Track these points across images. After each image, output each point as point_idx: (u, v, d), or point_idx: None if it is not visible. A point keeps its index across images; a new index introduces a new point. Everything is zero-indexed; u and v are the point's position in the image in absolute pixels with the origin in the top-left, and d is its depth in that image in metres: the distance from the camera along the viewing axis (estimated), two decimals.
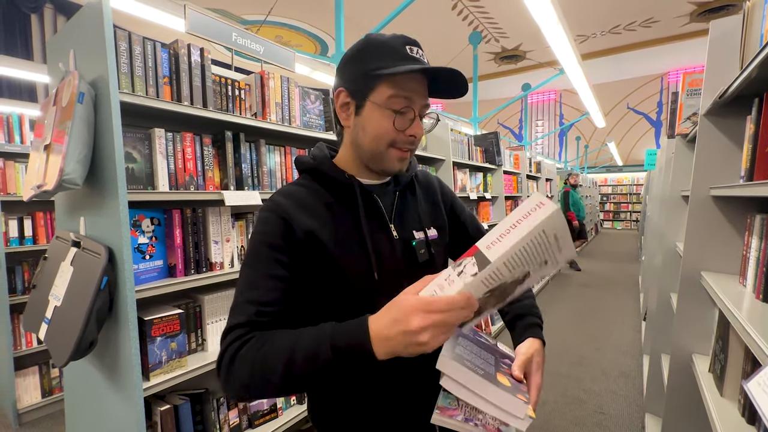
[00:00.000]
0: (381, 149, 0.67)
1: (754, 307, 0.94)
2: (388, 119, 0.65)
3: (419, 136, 0.68)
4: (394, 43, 0.65)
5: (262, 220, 0.66)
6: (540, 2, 2.33)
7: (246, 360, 0.55)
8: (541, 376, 0.64)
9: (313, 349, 0.51)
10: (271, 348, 0.54)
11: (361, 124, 0.68)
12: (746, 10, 1.11)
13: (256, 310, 0.59)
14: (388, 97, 0.65)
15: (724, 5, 7.47)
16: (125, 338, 1.12)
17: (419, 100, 0.67)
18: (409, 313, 0.47)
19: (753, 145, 1.07)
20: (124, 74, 1.18)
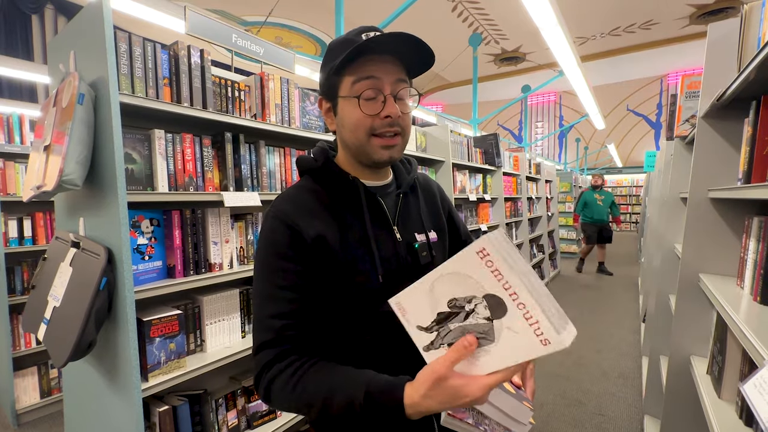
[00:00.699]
0: (362, 140, 0.66)
1: (751, 309, 0.94)
2: (356, 106, 0.64)
3: (395, 116, 0.64)
4: (350, 35, 0.65)
5: (268, 229, 0.65)
6: (539, 4, 2.34)
7: (284, 392, 0.58)
8: (534, 380, 0.65)
9: (348, 400, 0.54)
10: (305, 389, 0.57)
11: (340, 122, 0.68)
12: (744, 13, 1.12)
13: (281, 325, 0.61)
14: (352, 85, 0.64)
15: (723, 8, 7.50)
16: (124, 339, 1.12)
17: (387, 78, 0.64)
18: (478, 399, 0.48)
19: (750, 147, 1.07)
20: (124, 75, 1.18)
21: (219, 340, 1.46)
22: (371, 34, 0.63)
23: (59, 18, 5.65)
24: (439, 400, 0.49)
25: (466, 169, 3.41)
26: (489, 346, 0.48)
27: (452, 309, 0.50)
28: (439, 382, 0.49)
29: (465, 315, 0.49)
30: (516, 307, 0.45)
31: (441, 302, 0.50)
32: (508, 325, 0.46)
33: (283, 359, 0.60)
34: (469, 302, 0.48)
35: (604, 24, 8.25)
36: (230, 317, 1.50)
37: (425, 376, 0.50)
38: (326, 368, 0.59)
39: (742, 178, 1.12)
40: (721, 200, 1.28)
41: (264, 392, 0.61)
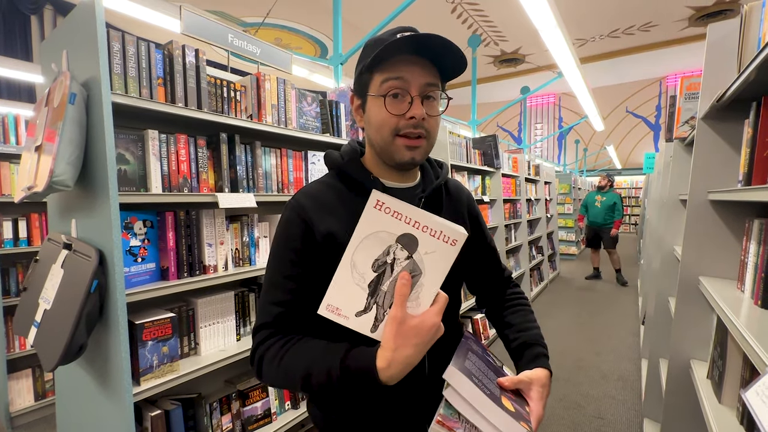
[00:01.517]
0: (387, 139, 0.66)
1: (752, 313, 0.93)
2: (383, 105, 0.65)
3: (419, 117, 0.64)
4: (386, 35, 0.66)
5: (285, 220, 0.69)
6: (538, 6, 2.33)
7: (271, 366, 0.62)
8: (544, 407, 0.64)
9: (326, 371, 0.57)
10: (290, 361, 0.61)
11: (368, 119, 0.69)
12: (744, 14, 1.11)
13: (278, 312, 0.65)
14: (381, 84, 0.65)
15: (722, 10, 7.50)
16: (115, 342, 1.10)
17: (416, 80, 0.64)
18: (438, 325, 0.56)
19: (751, 149, 1.06)
20: (117, 75, 1.17)
21: (214, 343, 1.44)
22: (406, 34, 0.62)
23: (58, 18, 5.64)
24: (411, 342, 0.54)
25: (464, 170, 3.40)
26: (420, 279, 0.56)
27: (378, 270, 0.57)
28: (401, 326, 0.54)
29: (390, 268, 0.56)
30: (422, 232, 0.56)
31: (366, 273, 0.57)
32: (424, 250, 0.56)
33: (274, 336, 0.65)
34: (387, 254, 0.56)
35: (604, 26, 8.25)
36: (225, 320, 1.48)
37: (387, 331, 0.55)
38: (307, 343, 0.63)
39: (743, 179, 1.11)
40: (721, 202, 1.27)
41: (257, 368, 0.65)
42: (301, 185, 1.79)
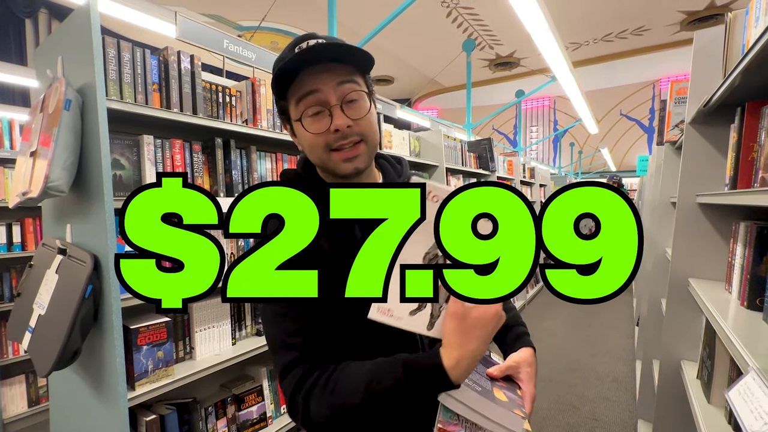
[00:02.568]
0: (323, 158, 0.63)
1: (738, 314, 0.95)
2: (303, 129, 0.62)
3: (343, 128, 0.60)
4: (285, 52, 0.62)
5: None
6: (531, 11, 2.36)
7: (323, 400, 0.56)
8: (534, 386, 0.64)
9: (393, 379, 0.53)
10: (345, 382, 0.56)
11: (300, 143, 0.66)
12: (728, 21, 1.13)
13: (301, 342, 0.60)
14: (296, 105, 0.61)
15: (713, 14, 7.60)
16: (110, 347, 1.10)
17: (328, 87, 0.60)
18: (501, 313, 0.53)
19: (736, 153, 1.08)
20: (112, 81, 1.17)
21: (209, 347, 1.44)
22: (303, 45, 0.59)
23: (53, 22, 5.63)
24: (475, 335, 0.51)
25: (460, 173, 3.42)
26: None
27: (430, 262, 0.51)
28: (464, 321, 0.50)
29: (442, 258, 0.50)
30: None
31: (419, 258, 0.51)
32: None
33: (313, 372, 0.58)
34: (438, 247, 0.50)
35: (598, 30, 8.33)
36: (220, 324, 1.48)
37: (450, 327, 0.51)
38: (356, 364, 0.58)
39: (729, 183, 1.13)
40: (708, 205, 1.29)
41: (303, 411, 0.57)
42: None
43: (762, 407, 0.54)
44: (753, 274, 0.96)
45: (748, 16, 1.06)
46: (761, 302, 0.94)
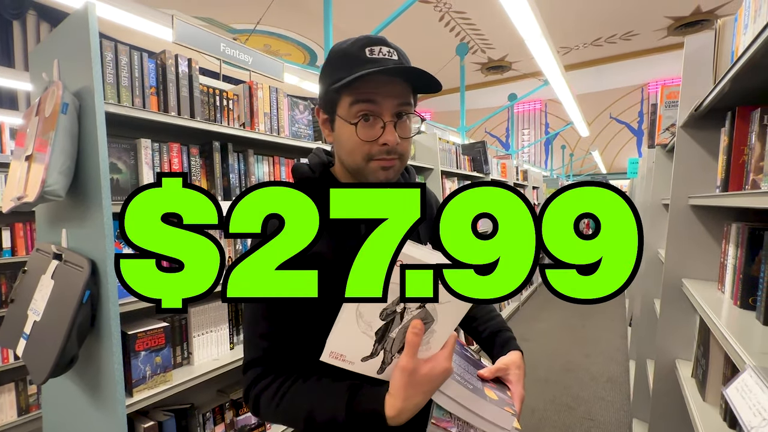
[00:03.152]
0: (359, 164, 0.63)
1: (732, 313, 0.97)
2: (353, 132, 0.61)
3: (392, 144, 0.60)
4: (353, 48, 0.60)
5: None
6: (524, 16, 2.40)
7: (269, 407, 0.60)
8: (522, 387, 0.66)
9: (330, 416, 0.55)
10: (290, 404, 0.58)
11: (337, 139, 0.65)
12: (718, 28, 1.17)
13: (268, 345, 0.62)
14: (350, 106, 0.61)
15: (699, 20, 7.77)
16: (108, 353, 1.09)
17: (387, 102, 0.60)
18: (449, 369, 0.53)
19: (727, 156, 1.11)
20: (109, 84, 1.17)
21: (207, 352, 1.43)
22: (376, 51, 0.59)
23: (42, 24, 5.55)
24: (421, 390, 0.52)
25: (454, 176, 3.45)
26: (432, 325, 0.52)
27: (386, 318, 0.52)
28: (412, 376, 0.51)
29: (400, 317, 0.52)
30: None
31: (374, 321, 0.52)
32: (442, 300, 0.49)
33: (268, 375, 0.62)
34: (397, 304, 0.51)
35: (587, 34, 8.47)
36: (218, 328, 1.47)
37: (398, 381, 0.52)
38: (306, 385, 0.59)
39: (721, 185, 1.16)
40: (701, 207, 1.32)
41: (252, 406, 0.62)
42: None
43: (760, 404, 0.55)
44: (745, 274, 0.98)
45: (737, 23, 1.09)
46: (754, 301, 0.96)
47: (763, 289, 0.88)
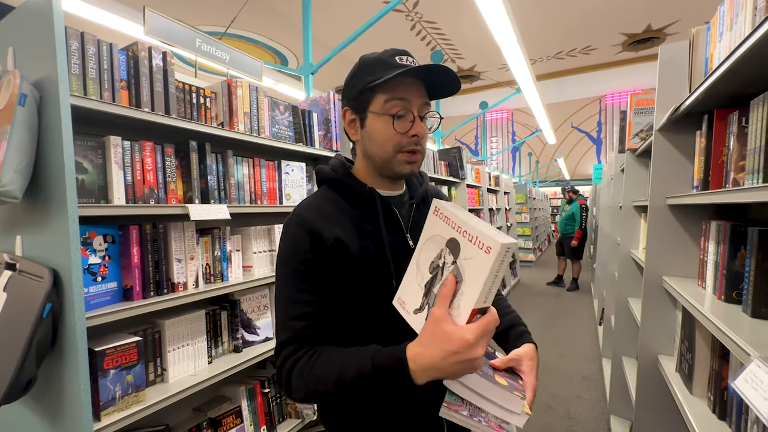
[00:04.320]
0: (390, 155, 0.71)
1: (718, 307, 1.00)
2: (389, 124, 0.70)
3: (422, 136, 0.71)
4: (384, 56, 0.71)
5: (290, 235, 0.70)
6: (501, 24, 2.46)
7: (301, 378, 0.63)
8: (536, 377, 0.69)
9: (356, 373, 0.58)
10: (320, 368, 0.62)
11: (367, 134, 0.73)
12: (692, 37, 1.23)
13: (301, 325, 0.66)
14: (384, 103, 0.70)
15: (649, 38, 8.38)
16: (72, 373, 0.97)
17: (416, 101, 0.70)
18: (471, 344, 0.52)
19: (705, 157, 1.16)
20: (74, 76, 1.06)
21: (183, 367, 1.32)
22: (404, 59, 0.70)
23: None
24: (439, 346, 0.53)
25: (432, 181, 3.46)
26: (461, 287, 0.56)
27: (432, 272, 0.60)
28: (436, 324, 0.54)
29: (441, 272, 0.59)
30: (465, 239, 0.56)
31: (425, 274, 0.61)
32: (465, 256, 0.55)
33: (300, 350, 0.65)
34: (440, 258, 0.59)
35: (550, 48, 8.91)
36: (195, 341, 1.37)
37: (425, 326, 0.56)
38: (335, 349, 0.64)
39: (699, 185, 1.21)
40: (678, 206, 1.38)
41: (285, 384, 0.66)
42: (274, 196, 1.72)
43: None
44: (729, 269, 1.03)
45: (710, 32, 1.15)
46: (738, 295, 1.00)
47: (749, 283, 0.91)
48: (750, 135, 0.90)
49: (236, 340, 1.53)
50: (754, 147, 0.87)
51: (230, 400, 1.54)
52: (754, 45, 0.76)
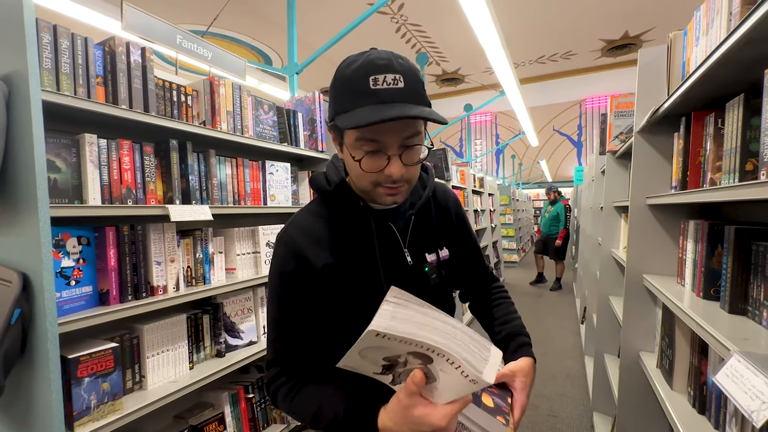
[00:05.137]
0: (367, 188, 0.65)
1: (696, 303, 1.03)
2: (359, 164, 0.62)
3: (396, 176, 0.61)
4: (357, 77, 0.58)
5: (280, 257, 0.69)
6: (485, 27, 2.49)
7: (284, 403, 0.68)
8: (527, 396, 0.67)
9: (331, 418, 0.61)
10: (299, 403, 0.66)
11: (346, 161, 0.67)
12: (669, 41, 1.26)
13: (283, 348, 0.69)
14: (355, 141, 0.61)
15: (627, 44, 8.65)
16: (43, 382, 0.92)
17: (392, 139, 0.59)
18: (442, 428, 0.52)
19: (683, 158, 1.19)
20: (46, 70, 1.02)
21: (163, 374, 1.28)
22: (380, 80, 0.57)
23: None
24: (409, 427, 0.53)
25: None
26: (435, 384, 0.52)
27: (389, 362, 0.53)
28: (406, 410, 0.53)
29: (404, 364, 0.52)
30: (438, 356, 0.49)
31: (378, 362, 0.52)
32: (439, 368, 0.50)
33: (282, 375, 0.69)
34: (399, 357, 0.51)
35: (531, 52, 9.09)
36: (176, 347, 1.32)
37: (394, 405, 0.54)
38: (315, 388, 0.66)
39: (677, 185, 1.24)
40: (657, 206, 1.41)
41: (272, 399, 0.70)
42: (258, 197, 1.68)
43: (756, 387, 0.57)
44: (707, 267, 1.05)
45: (687, 36, 1.18)
46: (716, 292, 1.03)
47: (727, 280, 0.94)
48: (726, 136, 0.93)
49: (219, 345, 1.49)
50: (730, 148, 0.90)
51: (213, 407, 1.49)
52: (729, 49, 0.78)
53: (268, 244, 1.68)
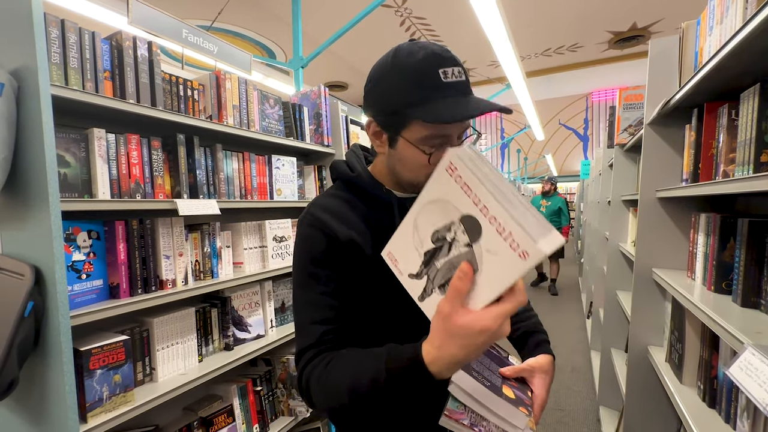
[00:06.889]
0: (420, 180, 0.61)
1: (708, 297, 1.02)
2: (424, 158, 0.61)
3: None
4: (427, 68, 0.57)
5: (304, 237, 0.68)
6: (492, 20, 2.46)
7: (318, 387, 0.60)
8: (547, 392, 0.67)
9: (372, 377, 0.53)
10: (335, 376, 0.58)
11: (397, 156, 0.66)
12: (682, 31, 1.24)
13: (321, 331, 0.64)
14: (424, 138, 0.61)
15: (635, 35, 8.52)
16: (57, 374, 0.94)
17: (456, 130, 0.62)
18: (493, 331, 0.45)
19: (695, 150, 1.18)
20: (55, 65, 1.02)
21: (172, 366, 1.29)
22: (449, 73, 0.57)
23: None
24: (457, 343, 0.46)
25: None
26: (476, 277, 0.46)
27: (436, 243, 0.50)
28: (446, 322, 0.46)
29: (448, 247, 0.48)
30: (488, 222, 0.42)
31: (425, 240, 0.50)
32: (486, 247, 0.44)
33: (318, 356, 0.62)
34: (449, 230, 0.48)
35: (537, 45, 8.97)
36: (185, 340, 1.34)
37: (434, 324, 0.49)
38: (347, 355, 0.60)
39: (688, 178, 1.23)
40: (667, 199, 1.40)
41: (306, 395, 0.63)
42: (265, 191, 1.69)
43: None
44: (719, 261, 1.04)
45: (700, 26, 1.16)
46: (728, 285, 1.02)
47: (740, 273, 0.93)
48: (740, 127, 0.91)
49: (227, 338, 1.51)
50: (744, 139, 0.88)
51: (221, 399, 1.51)
52: (745, 38, 0.77)
53: (275, 238, 1.69)
